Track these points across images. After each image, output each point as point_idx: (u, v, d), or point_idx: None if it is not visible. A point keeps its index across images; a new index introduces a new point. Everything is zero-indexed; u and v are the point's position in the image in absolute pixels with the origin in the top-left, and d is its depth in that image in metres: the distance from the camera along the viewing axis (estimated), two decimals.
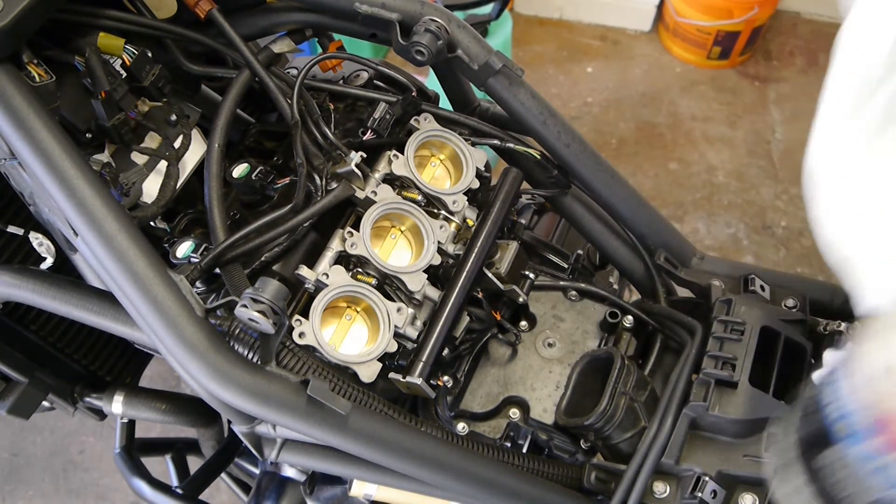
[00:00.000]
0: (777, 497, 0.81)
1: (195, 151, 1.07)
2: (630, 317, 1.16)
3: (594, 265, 1.41)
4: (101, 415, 1.39)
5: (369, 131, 1.06)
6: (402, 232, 1.05)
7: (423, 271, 1.01)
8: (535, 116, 1.11)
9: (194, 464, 1.56)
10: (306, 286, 0.96)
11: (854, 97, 0.73)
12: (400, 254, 1.04)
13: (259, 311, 0.81)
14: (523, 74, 1.09)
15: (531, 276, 1.15)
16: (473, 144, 1.11)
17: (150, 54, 1.03)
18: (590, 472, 1.02)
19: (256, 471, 1.54)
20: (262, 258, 0.96)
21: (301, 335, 0.91)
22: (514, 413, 1.10)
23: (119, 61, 1.01)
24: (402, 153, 1.05)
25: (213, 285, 0.97)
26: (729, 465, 0.96)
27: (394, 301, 0.99)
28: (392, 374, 0.98)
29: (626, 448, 1.03)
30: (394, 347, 0.97)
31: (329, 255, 0.98)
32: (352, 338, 0.98)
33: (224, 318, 0.88)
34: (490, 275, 1.07)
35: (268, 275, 0.94)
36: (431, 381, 1.00)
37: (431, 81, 1.81)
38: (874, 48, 0.71)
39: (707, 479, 0.94)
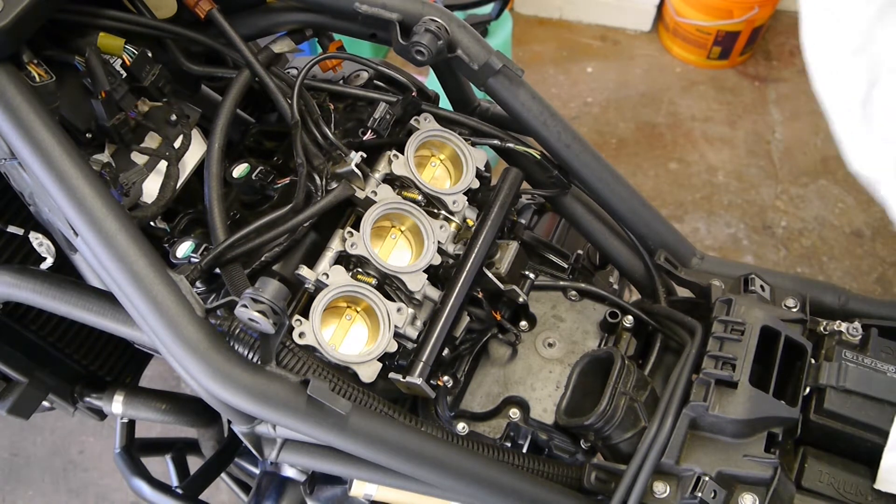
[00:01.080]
0: None
1: (195, 151, 1.07)
2: (630, 317, 1.16)
3: (594, 265, 1.41)
4: (101, 415, 1.39)
5: (369, 131, 1.06)
6: (402, 232, 1.05)
7: (423, 271, 1.01)
8: (536, 116, 1.11)
9: (194, 464, 1.56)
10: (306, 286, 0.96)
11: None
12: (400, 254, 1.04)
13: (259, 311, 0.81)
14: (523, 74, 1.09)
15: (531, 276, 1.15)
16: (473, 144, 1.11)
17: (150, 54, 1.03)
18: (590, 472, 1.02)
19: (256, 471, 1.54)
20: (263, 258, 0.96)
21: (301, 335, 0.91)
22: (514, 413, 1.10)
23: (119, 61, 1.01)
24: (402, 153, 1.05)
25: (213, 285, 0.97)
26: (729, 465, 0.96)
27: (394, 301, 0.99)
28: (392, 374, 0.98)
29: (626, 448, 1.03)
30: (394, 347, 0.97)
31: (329, 255, 0.98)
32: (352, 338, 0.98)
33: (224, 318, 0.88)
34: (490, 275, 1.07)
35: (268, 275, 0.94)
36: (431, 381, 1.00)
37: (431, 81, 1.81)
38: None
39: (707, 479, 0.94)
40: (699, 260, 1.21)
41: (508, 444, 1.10)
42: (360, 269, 1.00)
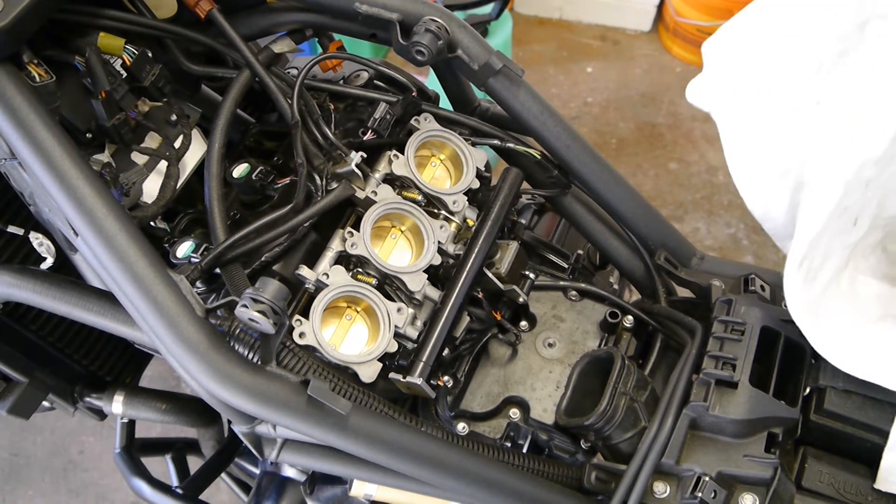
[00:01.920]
0: None
1: (195, 151, 1.07)
2: (630, 317, 1.16)
3: (594, 265, 1.41)
4: (101, 415, 1.39)
5: (369, 131, 1.06)
6: (402, 232, 1.05)
7: (424, 271, 1.01)
8: (536, 116, 1.11)
9: (194, 464, 1.56)
10: (306, 286, 0.96)
11: None
12: (400, 254, 1.04)
13: (259, 312, 0.81)
14: (523, 74, 1.09)
15: (531, 276, 1.15)
16: (473, 144, 1.11)
17: (150, 54, 1.03)
18: (590, 472, 1.02)
19: (256, 471, 1.54)
20: (263, 258, 0.96)
21: (301, 335, 0.91)
22: (515, 413, 1.10)
23: (119, 61, 1.01)
24: (403, 153, 1.05)
25: (213, 285, 0.97)
26: (729, 465, 0.96)
27: (394, 301, 0.99)
28: (392, 374, 0.98)
29: (626, 448, 1.03)
30: (394, 347, 0.97)
31: (329, 255, 0.98)
32: (352, 338, 0.98)
33: (224, 318, 0.88)
34: (490, 275, 1.07)
35: (268, 275, 0.94)
36: (432, 381, 1.00)
37: (431, 81, 1.81)
38: None
39: (707, 479, 0.94)
40: (699, 260, 1.21)
41: (508, 444, 1.10)
42: (360, 269, 1.00)
